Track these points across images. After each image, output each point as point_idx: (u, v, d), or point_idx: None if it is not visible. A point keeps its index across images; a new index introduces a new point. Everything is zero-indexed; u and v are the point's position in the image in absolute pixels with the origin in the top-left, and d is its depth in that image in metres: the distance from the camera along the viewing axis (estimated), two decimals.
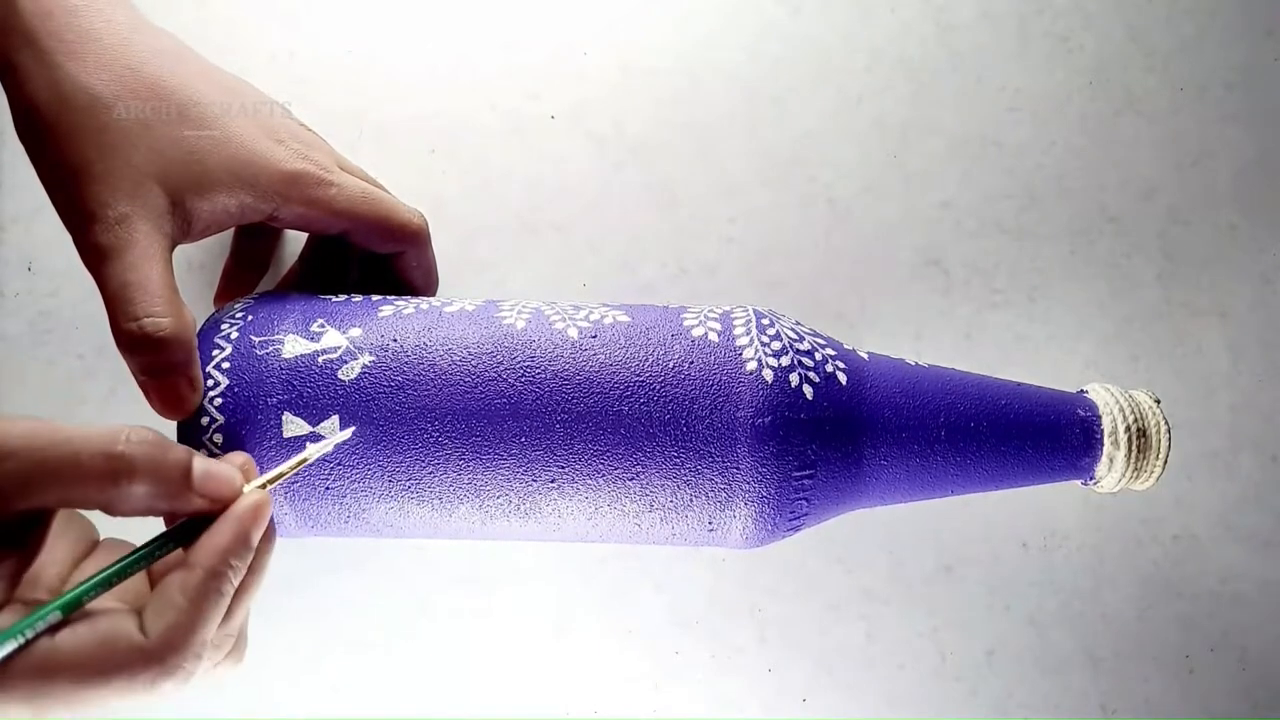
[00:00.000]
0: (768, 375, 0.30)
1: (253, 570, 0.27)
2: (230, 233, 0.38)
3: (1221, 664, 0.40)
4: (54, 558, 0.27)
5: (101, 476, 0.24)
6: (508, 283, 0.40)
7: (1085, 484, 0.33)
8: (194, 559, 0.25)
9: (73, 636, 0.24)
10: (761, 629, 0.40)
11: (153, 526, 0.27)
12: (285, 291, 0.34)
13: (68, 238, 0.29)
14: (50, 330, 0.40)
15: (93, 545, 0.29)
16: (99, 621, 0.24)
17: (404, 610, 0.40)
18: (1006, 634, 0.40)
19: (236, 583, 0.26)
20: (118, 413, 0.39)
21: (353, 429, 0.29)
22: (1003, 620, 0.40)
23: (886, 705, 0.40)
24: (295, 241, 0.40)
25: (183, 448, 0.26)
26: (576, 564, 0.40)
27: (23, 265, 0.40)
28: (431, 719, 0.40)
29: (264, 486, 0.27)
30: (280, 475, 0.28)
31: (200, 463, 0.26)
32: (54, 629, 0.24)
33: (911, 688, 0.40)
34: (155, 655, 0.24)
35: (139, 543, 0.26)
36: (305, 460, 0.28)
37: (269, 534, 0.28)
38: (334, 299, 0.33)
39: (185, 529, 0.26)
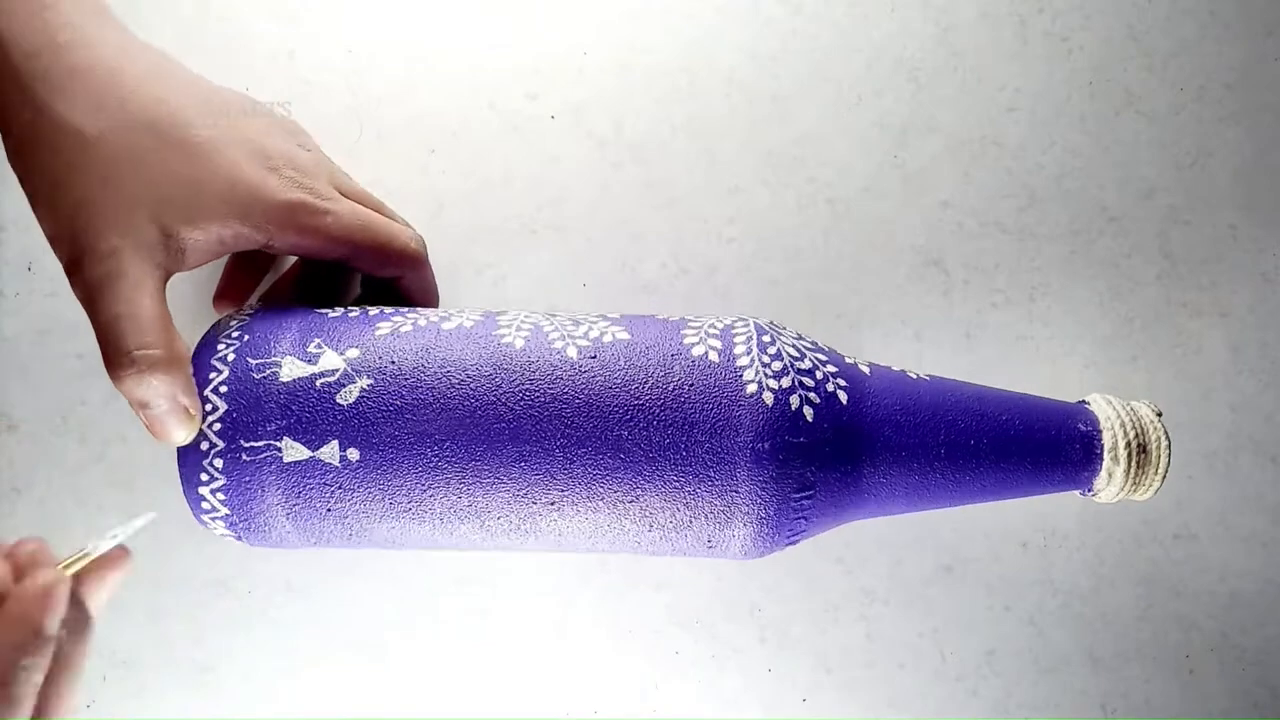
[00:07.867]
0: (768, 398, 0.30)
1: (66, 665, 0.24)
2: None
3: (1221, 664, 0.41)
4: None
5: None
6: (507, 282, 0.40)
7: (1083, 494, 0.33)
8: None
9: None
10: (761, 629, 0.40)
11: None
12: (282, 305, 0.34)
13: None
14: (50, 330, 0.40)
15: None
16: None
17: (404, 611, 0.40)
18: (1006, 634, 0.40)
19: (35, 679, 0.22)
20: (118, 413, 0.39)
21: (153, 515, 0.29)
22: (1003, 620, 0.40)
23: (886, 705, 0.40)
24: None
25: None
26: (576, 564, 0.40)
27: (23, 265, 0.40)
28: (431, 719, 0.40)
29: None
30: (70, 563, 0.26)
31: None
32: None
33: (911, 688, 0.40)
34: None
35: None
36: (88, 555, 0.26)
37: (82, 619, 0.25)
38: (331, 314, 0.32)
39: None
